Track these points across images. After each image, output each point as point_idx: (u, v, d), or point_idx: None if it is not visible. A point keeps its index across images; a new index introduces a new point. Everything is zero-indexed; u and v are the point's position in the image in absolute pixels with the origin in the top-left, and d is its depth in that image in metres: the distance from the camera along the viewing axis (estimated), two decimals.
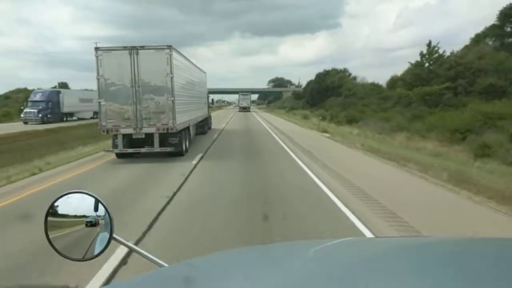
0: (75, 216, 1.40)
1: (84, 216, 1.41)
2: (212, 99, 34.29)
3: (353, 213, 7.12)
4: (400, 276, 1.04)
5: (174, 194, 8.68)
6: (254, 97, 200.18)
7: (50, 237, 1.36)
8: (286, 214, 6.85)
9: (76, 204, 1.40)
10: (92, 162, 14.39)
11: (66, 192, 1.43)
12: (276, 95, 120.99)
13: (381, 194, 8.59)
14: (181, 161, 13.80)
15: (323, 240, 1.67)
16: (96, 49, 13.74)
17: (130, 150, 14.04)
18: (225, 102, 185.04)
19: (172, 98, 13.91)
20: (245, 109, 73.95)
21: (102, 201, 1.40)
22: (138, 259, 4.17)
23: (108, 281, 4.15)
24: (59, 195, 1.41)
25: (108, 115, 13.83)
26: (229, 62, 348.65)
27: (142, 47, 13.82)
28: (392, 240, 2.22)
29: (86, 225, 1.41)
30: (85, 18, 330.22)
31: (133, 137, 13.96)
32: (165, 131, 13.93)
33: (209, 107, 28.00)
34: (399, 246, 1.45)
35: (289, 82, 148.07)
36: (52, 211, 1.41)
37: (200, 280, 1.05)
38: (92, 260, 1.47)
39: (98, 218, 1.39)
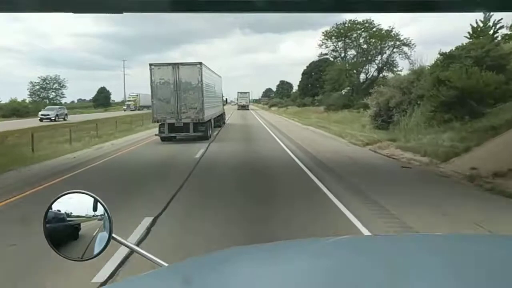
0: (74, 216, 1.33)
1: (83, 216, 1.33)
2: (226, 98, 35.44)
3: None
4: (399, 273, 0.98)
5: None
6: (258, 94, 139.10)
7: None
8: None
9: (75, 203, 1.33)
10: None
11: (66, 192, 1.34)
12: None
13: None
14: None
15: (322, 238, 1.45)
16: (150, 64, 18.15)
17: (173, 134, 18.09)
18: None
19: (202, 99, 18.08)
20: (243, 107, 67.73)
21: (101, 201, 1.32)
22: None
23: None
24: (58, 195, 1.32)
25: (158, 110, 18.08)
26: (230, 59, 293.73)
27: (182, 63, 18.40)
28: (391, 237, 2.13)
29: (85, 225, 1.32)
30: (77, 14, 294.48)
31: (175, 125, 17.98)
32: (197, 121, 18.00)
33: (223, 105, 31.69)
34: (398, 243, 1.36)
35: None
36: (51, 211, 1.31)
37: (199, 280, 1.01)
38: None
39: (97, 217, 1.32)
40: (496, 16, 25.62)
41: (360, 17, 43.70)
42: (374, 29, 43.33)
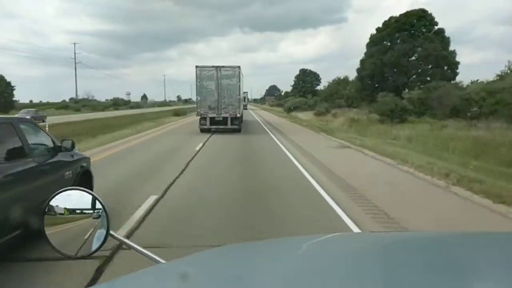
0: (72, 213, 1.30)
1: (81, 213, 1.30)
2: (245, 97, 34.56)
3: None
4: (390, 270, 0.98)
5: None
6: (260, 93, 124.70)
7: (47, 233, 1.25)
8: None
9: (74, 201, 1.30)
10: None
11: (64, 188, 1.30)
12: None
13: None
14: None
15: (315, 235, 1.44)
16: (196, 66, 20.23)
17: (213, 127, 19.94)
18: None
19: (239, 97, 20.12)
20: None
21: (99, 198, 1.28)
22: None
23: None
24: (57, 192, 1.28)
25: (202, 106, 20.01)
26: (229, 58, 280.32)
27: (223, 66, 20.33)
28: (383, 234, 2.08)
29: (83, 222, 1.30)
30: (73, 12, 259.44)
31: (215, 119, 19.89)
32: (234, 116, 19.97)
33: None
34: (390, 240, 1.33)
35: None
36: (49, 207, 1.28)
37: (197, 276, 1.00)
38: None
39: (95, 215, 1.30)
40: None
41: None
42: None
